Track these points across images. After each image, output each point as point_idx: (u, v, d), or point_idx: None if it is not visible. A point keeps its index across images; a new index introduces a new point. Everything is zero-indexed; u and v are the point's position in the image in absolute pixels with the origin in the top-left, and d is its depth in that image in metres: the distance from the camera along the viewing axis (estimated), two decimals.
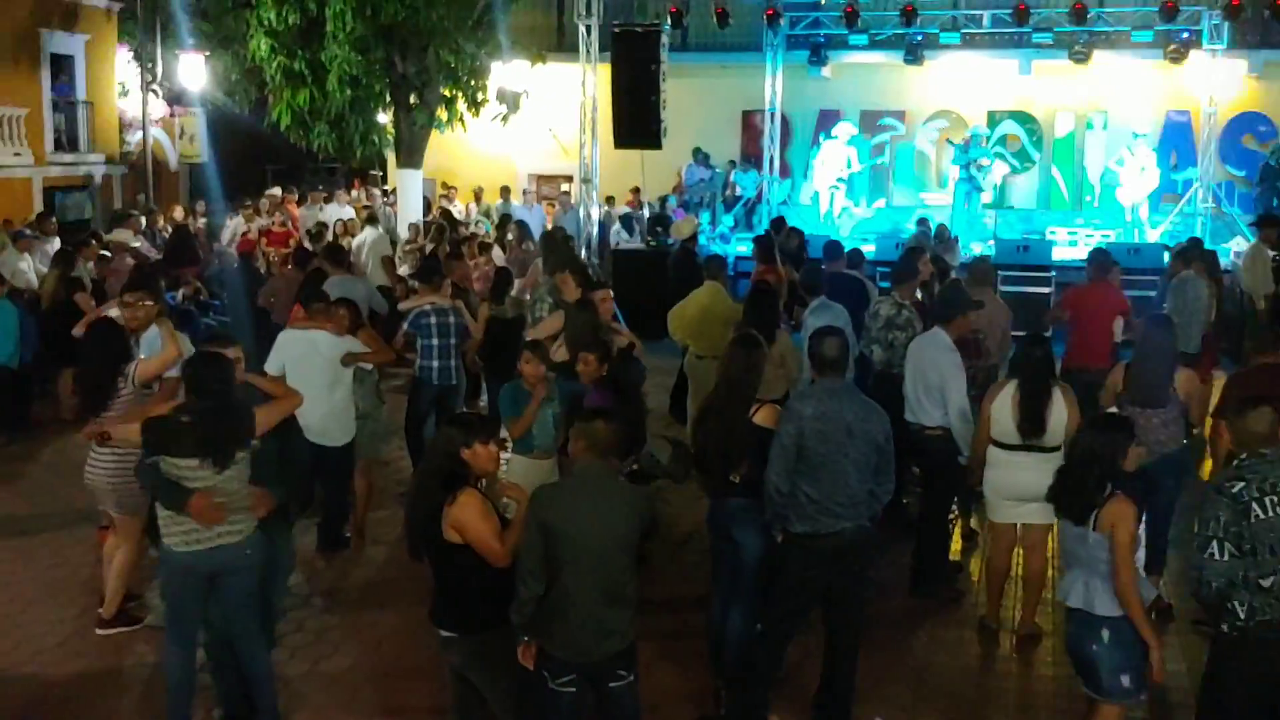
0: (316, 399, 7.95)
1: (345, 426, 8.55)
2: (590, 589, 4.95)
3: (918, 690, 6.81)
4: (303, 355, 8.38)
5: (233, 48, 17.88)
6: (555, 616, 4.96)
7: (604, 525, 4.96)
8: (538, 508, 4.97)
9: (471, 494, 5.08)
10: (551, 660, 5.01)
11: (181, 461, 5.64)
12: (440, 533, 5.06)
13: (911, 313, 9.33)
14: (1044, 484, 6.90)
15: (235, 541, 5.80)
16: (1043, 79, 23.03)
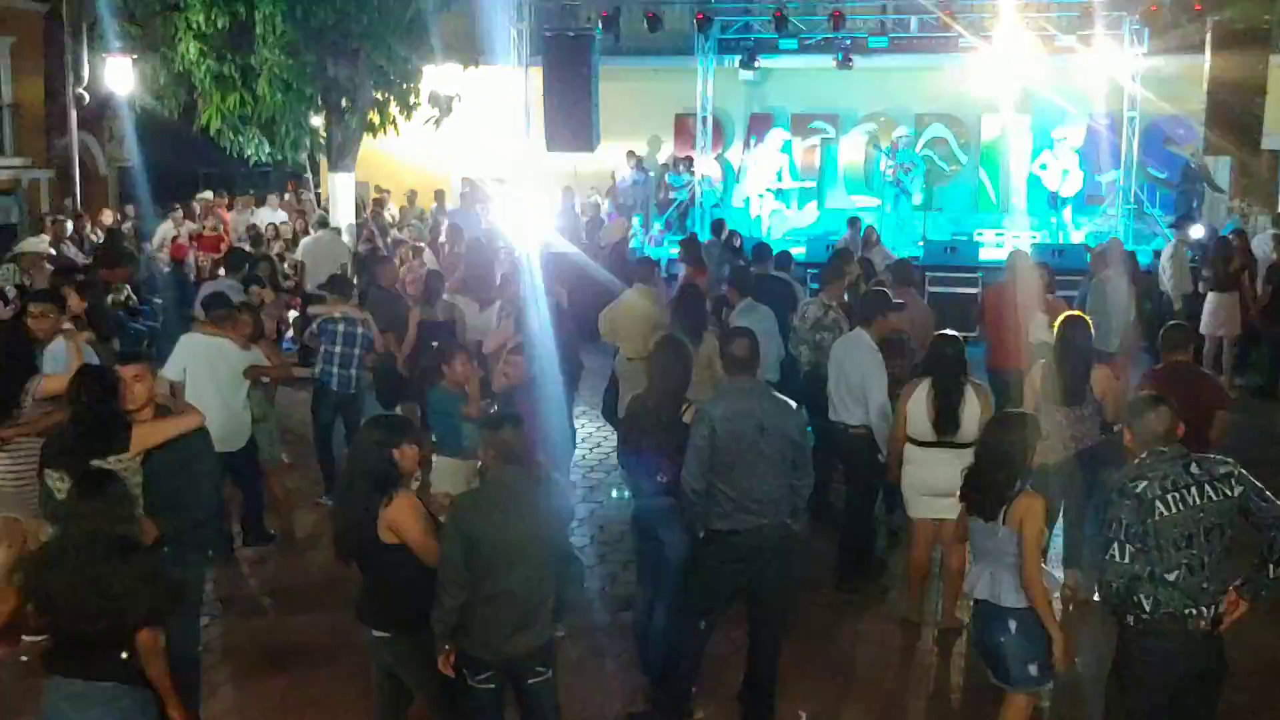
0: (220, 406, 8.16)
1: (243, 431, 8.68)
2: (510, 591, 5.01)
3: (841, 684, 6.96)
4: (209, 362, 8.46)
5: (161, 51, 17.66)
6: (474, 618, 5.01)
7: (521, 529, 5.02)
8: (458, 517, 5.01)
9: (407, 496, 5.15)
10: (469, 658, 5.07)
11: (52, 473, 5.77)
12: (374, 534, 5.11)
13: (838, 314, 9.51)
14: (959, 479, 7.12)
15: None
16: (970, 83, 23.35)
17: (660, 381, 6.42)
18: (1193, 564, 4.87)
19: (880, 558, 8.75)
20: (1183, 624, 4.91)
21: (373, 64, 17.86)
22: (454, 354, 7.52)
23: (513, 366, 7.57)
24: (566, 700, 6.45)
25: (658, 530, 6.45)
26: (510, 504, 5.05)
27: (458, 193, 23.06)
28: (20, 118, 25.46)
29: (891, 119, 23.78)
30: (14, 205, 24.98)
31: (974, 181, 24.00)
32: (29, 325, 7.65)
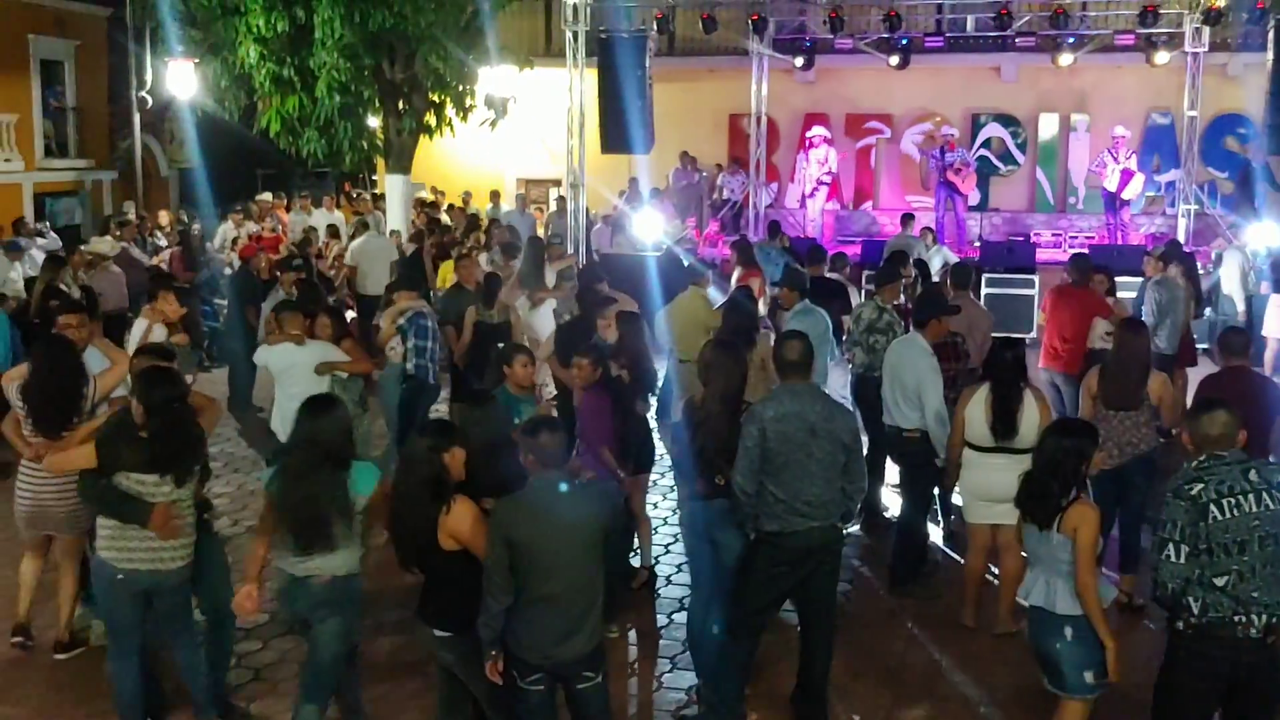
0: (289, 404, 8.31)
1: None
2: (556, 595, 5.03)
3: (894, 689, 6.94)
4: (287, 366, 8.78)
5: (222, 54, 17.92)
6: (522, 622, 5.04)
7: (565, 534, 5.02)
8: (500, 523, 5.01)
9: (465, 502, 5.17)
10: (519, 661, 5.10)
11: (145, 477, 5.73)
12: (434, 541, 5.16)
13: (893, 316, 9.48)
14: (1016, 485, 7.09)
15: (173, 568, 5.91)
16: (1026, 82, 23.19)
17: (715, 383, 6.43)
18: (1244, 571, 4.84)
19: (934, 562, 8.72)
20: (1230, 630, 4.88)
21: (429, 66, 18.01)
22: (516, 356, 7.56)
23: (580, 369, 7.61)
24: (618, 701, 6.53)
25: (712, 532, 6.46)
26: (550, 509, 5.04)
27: (512, 194, 23.21)
28: (84, 120, 25.95)
29: (947, 119, 23.64)
30: (78, 206, 25.46)
31: (1031, 182, 23.81)
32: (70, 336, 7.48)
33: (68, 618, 7.24)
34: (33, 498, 6.98)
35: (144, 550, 5.82)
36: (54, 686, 6.92)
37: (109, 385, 7.08)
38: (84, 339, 7.40)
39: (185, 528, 5.91)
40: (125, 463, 5.72)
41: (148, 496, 5.73)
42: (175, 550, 5.89)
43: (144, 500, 5.72)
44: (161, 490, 5.75)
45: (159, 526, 5.72)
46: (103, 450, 5.76)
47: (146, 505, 5.72)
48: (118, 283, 14.77)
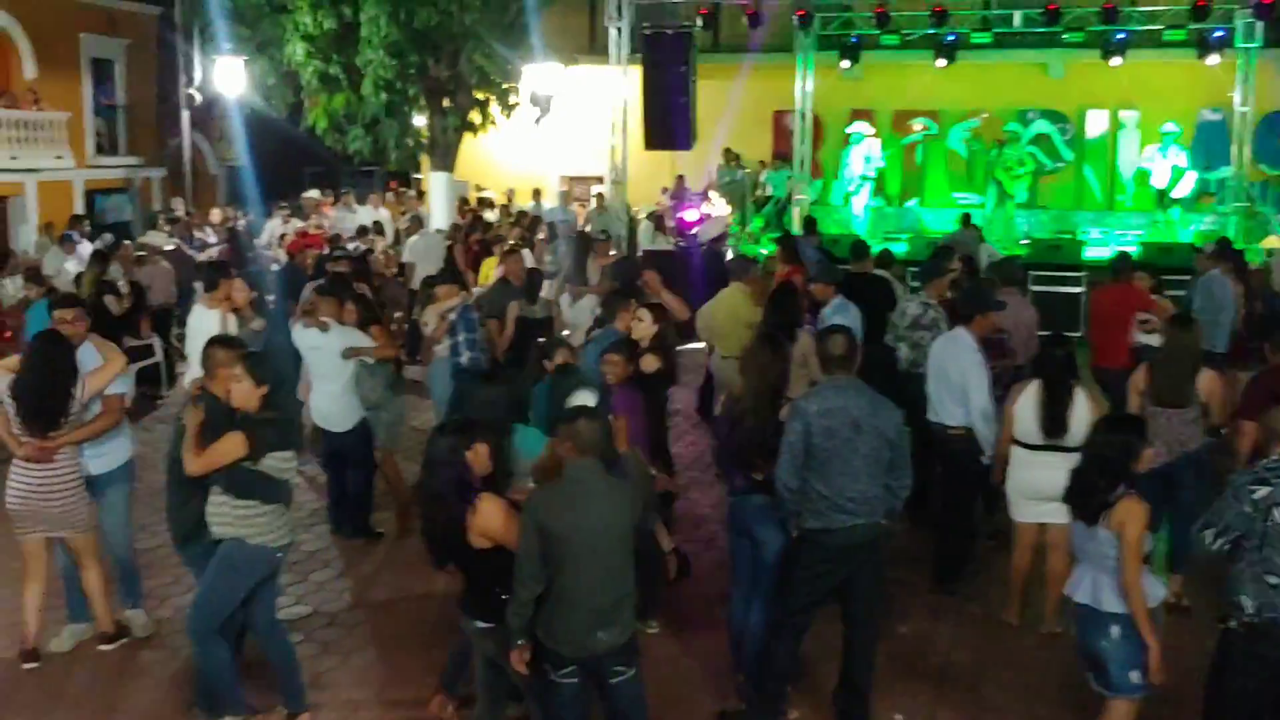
0: (323, 390, 9.02)
1: (344, 414, 9.05)
2: (588, 586, 5.03)
3: (938, 687, 6.89)
4: (313, 347, 9.06)
5: (269, 52, 18.07)
6: (554, 614, 5.04)
7: (599, 523, 5.02)
8: (533, 512, 5.01)
9: (491, 499, 5.17)
10: (550, 653, 5.10)
11: (286, 454, 5.98)
12: (466, 540, 5.17)
13: (938, 312, 9.39)
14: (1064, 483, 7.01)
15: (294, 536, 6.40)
16: (1074, 78, 22.98)
17: (756, 379, 6.40)
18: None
19: (979, 559, 8.64)
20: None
21: (474, 64, 18.08)
22: (555, 350, 7.55)
23: (611, 365, 7.58)
24: (659, 697, 6.50)
25: (753, 528, 6.44)
26: (584, 498, 5.04)
27: (555, 191, 23.26)
28: (134, 118, 26.25)
29: (994, 115, 23.47)
30: (127, 203, 25.75)
31: (1078, 179, 23.59)
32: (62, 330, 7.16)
33: (104, 610, 7.26)
34: (22, 497, 6.83)
35: (287, 526, 6.19)
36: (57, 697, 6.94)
37: (99, 384, 6.95)
38: (79, 335, 7.13)
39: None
40: (275, 443, 5.90)
41: (286, 474, 6.01)
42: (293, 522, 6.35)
43: (281, 479, 5.99)
44: (293, 465, 6.09)
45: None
46: (255, 436, 5.84)
47: (285, 482, 6.04)
48: (167, 277, 14.93)
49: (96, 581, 7.19)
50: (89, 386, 6.86)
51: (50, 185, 23.26)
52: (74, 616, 7.38)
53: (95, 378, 6.93)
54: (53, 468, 6.80)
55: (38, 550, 7.04)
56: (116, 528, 7.39)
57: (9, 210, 22.91)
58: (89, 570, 7.15)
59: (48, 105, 23.09)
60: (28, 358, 6.80)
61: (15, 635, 7.21)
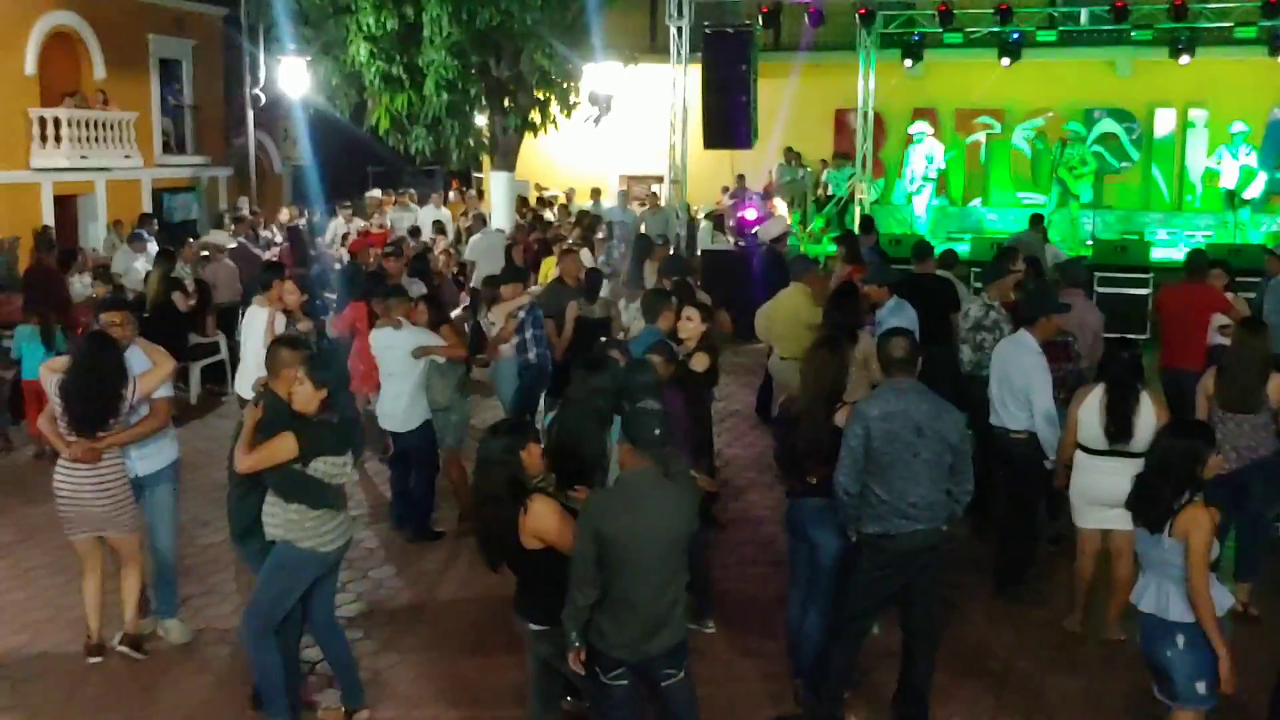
0: (391, 389, 9.11)
1: (410, 414, 9.12)
2: (645, 591, 5.01)
3: (998, 695, 6.80)
4: (387, 346, 9.16)
5: (333, 53, 18.23)
6: (608, 618, 5.02)
7: (658, 528, 5.00)
8: (591, 516, 4.99)
9: (542, 500, 5.14)
10: (602, 656, 5.08)
11: (338, 459, 5.97)
12: (518, 541, 5.16)
13: (1000, 314, 9.27)
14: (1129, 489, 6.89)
15: (350, 537, 6.27)
16: (1141, 76, 22.64)
17: (813, 382, 6.35)
18: None
19: (1040, 566, 8.53)
20: None
21: (535, 64, 18.13)
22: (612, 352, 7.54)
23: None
24: (715, 701, 6.51)
25: (809, 530, 6.40)
26: (642, 502, 5.01)
27: (614, 191, 23.28)
28: (200, 117, 26.61)
29: (1059, 114, 23.19)
30: (193, 202, 26.11)
31: (1145, 179, 23.24)
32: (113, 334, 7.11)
33: (132, 615, 7.22)
34: (69, 497, 6.86)
35: (340, 527, 6.13)
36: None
37: (150, 386, 7.00)
38: (128, 337, 7.12)
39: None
40: (327, 446, 5.89)
41: (337, 478, 5.99)
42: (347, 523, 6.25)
43: (332, 483, 5.98)
44: (347, 470, 6.06)
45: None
46: (305, 437, 5.84)
47: (338, 487, 6.03)
48: (231, 275, 15.12)
49: (134, 584, 7.19)
50: (140, 388, 6.90)
51: (119, 184, 23.65)
52: (164, 612, 7.49)
53: (146, 380, 6.97)
54: (99, 468, 6.81)
55: (91, 547, 7.09)
56: (162, 528, 7.44)
57: (79, 208, 23.31)
58: (130, 572, 7.16)
59: (116, 105, 23.46)
60: (76, 359, 6.81)
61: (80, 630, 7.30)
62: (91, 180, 23.03)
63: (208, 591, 8.19)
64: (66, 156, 21.90)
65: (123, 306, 7.50)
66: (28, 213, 20.79)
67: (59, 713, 6.61)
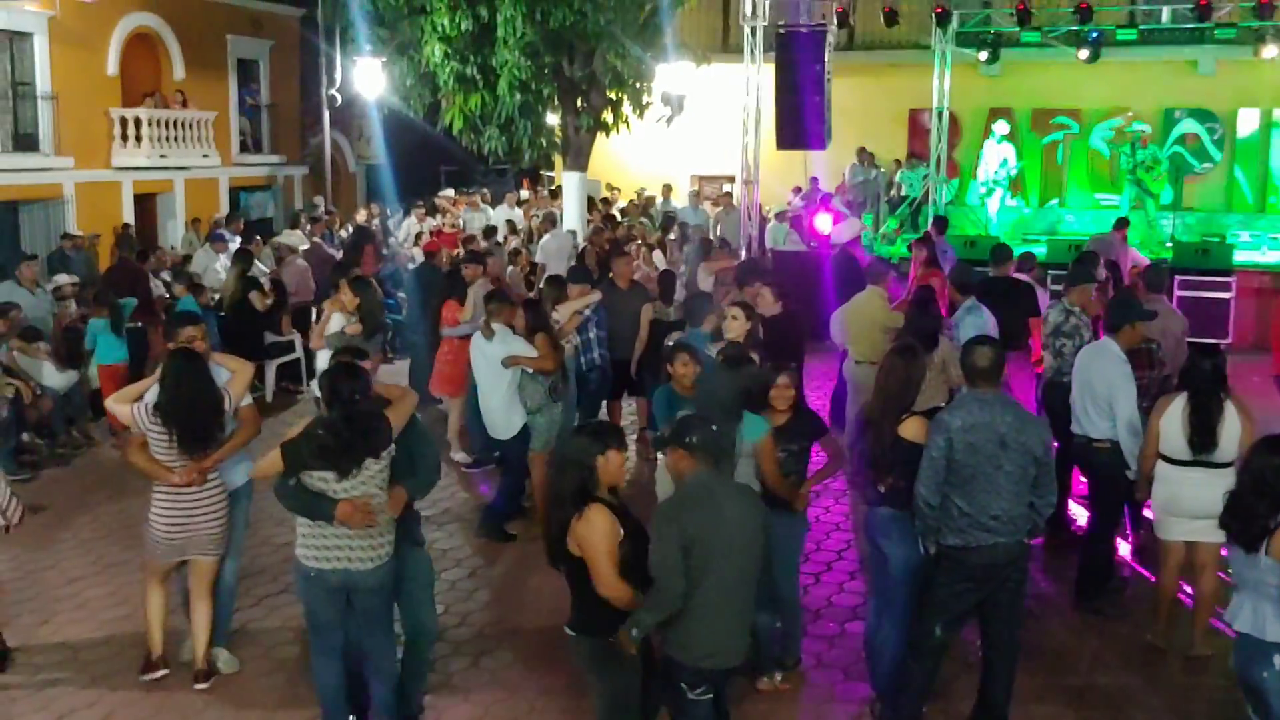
0: (485, 395, 9.18)
1: (509, 423, 9.19)
2: (735, 595, 4.98)
3: (1080, 712, 6.65)
4: (477, 355, 9.28)
5: (408, 53, 18.35)
6: (699, 627, 4.95)
7: (734, 527, 4.96)
8: (669, 519, 4.94)
9: (599, 510, 5.03)
10: (686, 671, 5.02)
11: (318, 474, 5.67)
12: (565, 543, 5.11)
13: (1080, 319, 9.12)
14: (1215, 500, 6.70)
15: (366, 569, 5.81)
16: (1225, 75, 22.16)
17: (883, 392, 6.28)
18: None
19: (1122, 578, 8.36)
20: None
21: (608, 64, 18.12)
22: (677, 355, 7.46)
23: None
24: (791, 712, 6.45)
25: (880, 540, 6.32)
26: (714, 499, 5.00)
27: (686, 191, 23.21)
28: (277, 117, 26.92)
29: (1139, 114, 22.77)
30: (270, 201, 26.43)
31: (1228, 180, 22.76)
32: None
33: (205, 647, 6.90)
34: (180, 524, 6.62)
35: (337, 549, 5.77)
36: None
37: (240, 392, 6.86)
38: (206, 351, 6.97)
39: (380, 525, 5.80)
40: (304, 461, 5.68)
41: (330, 493, 5.67)
42: (368, 550, 5.80)
43: (327, 496, 5.68)
44: (342, 486, 5.67)
45: (346, 519, 5.65)
46: (286, 450, 5.73)
47: (331, 501, 5.66)
48: (305, 276, 15.25)
49: (208, 612, 6.87)
50: (234, 395, 6.78)
51: (197, 183, 23.99)
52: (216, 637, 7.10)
53: (235, 387, 6.83)
54: (208, 489, 6.65)
55: (169, 568, 6.89)
56: (235, 546, 7.16)
57: (158, 207, 23.68)
58: (204, 598, 6.84)
59: (195, 105, 23.79)
60: (168, 380, 6.55)
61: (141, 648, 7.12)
62: (170, 179, 23.38)
63: (283, 590, 8.24)
64: (146, 156, 22.24)
65: (195, 320, 7.29)
66: (108, 211, 21.17)
67: (134, 707, 6.67)
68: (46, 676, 7.02)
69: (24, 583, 8.43)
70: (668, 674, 5.09)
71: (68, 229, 19.61)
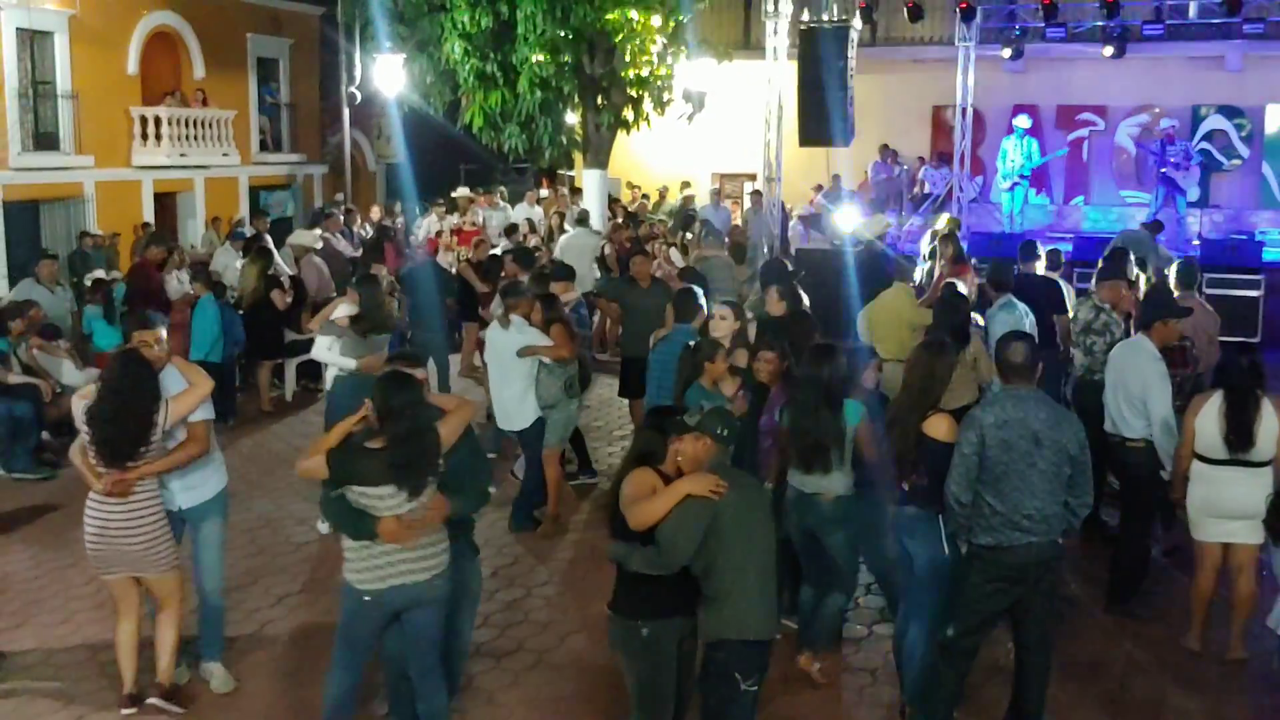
0: (497, 385, 9.21)
1: (522, 413, 9.16)
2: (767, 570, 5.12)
3: (1114, 714, 6.52)
4: (492, 346, 9.34)
5: (428, 50, 18.31)
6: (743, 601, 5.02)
7: (760, 509, 5.17)
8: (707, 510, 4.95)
9: (644, 472, 5.11)
10: (740, 655, 5.03)
11: (373, 490, 5.30)
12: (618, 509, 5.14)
13: (1111, 316, 8.98)
14: (1252, 500, 6.58)
15: (423, 580, 5.48)
16: (1252, 71, 21.92)
17: (907, 389, 6.18)
18: None
19: (1155, 579, 8.19)
20: None
21: (628, 61, 18.02)
22: (715, 352, 7.41)
23: (765, 363, 7.40)
24: (819, 715, 6.32)
25: (904, 541, 6.21)
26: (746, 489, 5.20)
27: (708, 189, 23.09)
28: (296, 115, 26.92)
29: (1165, 111, 22.55)
30: (289, 200, 26.42)
31: (1256, 176, 22.51)
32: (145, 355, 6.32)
33: (168, 665, 6.49)
34: (99, 534, 6.19)
35: (390, 565, 5.42)
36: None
37: (184, 408, 6.24)
38: (160, 359, 6.34)
39: (431, 534, 5.48)
40: (357, 475, 5.32)
41: (378, 510, 5.31)
42: (424, 559, 5.48)
43: (369, 514, 5.33)
44: (391, 504, 5.32)
45: (393, 538, 5.34)
46: (333, 460, 5.37)
47: (373, 518, 5.33)
48: (323, 273, 15.17)
49: (170, 630, 6.46)
50: (172, 412, 6.17)
51: (217, 181, 24.00)
52: (209, 654, 6.81)
53: (179, 402, 6.22)
54: (132, 502, 6.14)
55: (126, 587, 6.41)
56: (209, 566, 6.69)
57: (178, 206, 23.69)
58: (167, 616, 6.43)
59: (215, 104, 23.80)
60: (103, 382, 6.17)
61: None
62: (190, 178, 23.40)
63: (302, 589, 8.16)
64: (166, 154, 22.27)
65: (153, 324, 6.52)
66: (129, 210, 21.18)
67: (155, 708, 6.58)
68: (66, 676, 6.93)
69: (43, 581, 8.36)
70: (719, 665, 5.06)
71: (88, 228, 19.64)
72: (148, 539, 6.19)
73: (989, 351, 8.77)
